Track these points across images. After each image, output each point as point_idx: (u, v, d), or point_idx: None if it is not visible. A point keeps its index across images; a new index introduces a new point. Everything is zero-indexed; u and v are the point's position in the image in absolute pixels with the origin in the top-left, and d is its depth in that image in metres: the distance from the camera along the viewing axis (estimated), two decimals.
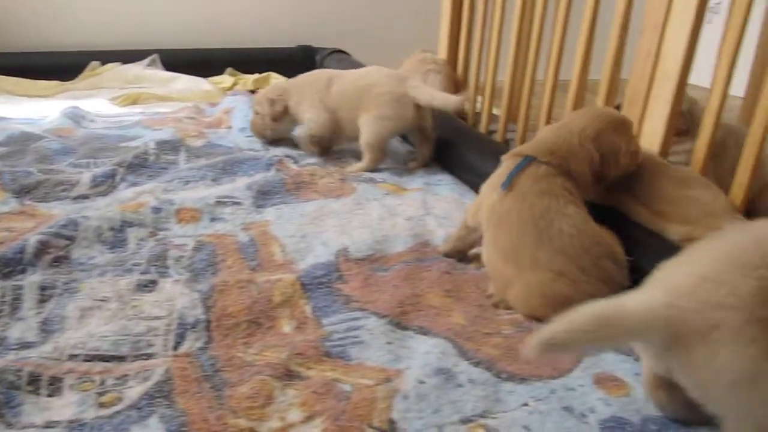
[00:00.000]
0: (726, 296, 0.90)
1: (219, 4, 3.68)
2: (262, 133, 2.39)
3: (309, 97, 2.27)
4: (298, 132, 2.36)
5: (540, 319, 1.30)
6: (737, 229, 1.08)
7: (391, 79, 2.20)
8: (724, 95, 1.53)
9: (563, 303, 1.28)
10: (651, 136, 1.71)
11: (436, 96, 2.16)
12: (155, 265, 1.51)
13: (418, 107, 2.14)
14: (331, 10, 3.88)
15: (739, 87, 2.19)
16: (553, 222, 1.38)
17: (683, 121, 1.80)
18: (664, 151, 1.69)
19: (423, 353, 1.23)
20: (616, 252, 1.41)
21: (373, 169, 2.18)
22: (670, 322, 0.92)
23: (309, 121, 2.26)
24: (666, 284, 0.99)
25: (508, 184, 1.45)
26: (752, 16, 1.49)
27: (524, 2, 2.25)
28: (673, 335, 0.93)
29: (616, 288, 1.34)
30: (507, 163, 1.53)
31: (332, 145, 2.36)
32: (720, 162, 1.78)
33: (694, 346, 0.91)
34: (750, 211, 1.55)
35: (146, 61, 3.36)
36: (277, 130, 2.37)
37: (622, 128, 1.55)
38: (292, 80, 2.42)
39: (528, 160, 1.47)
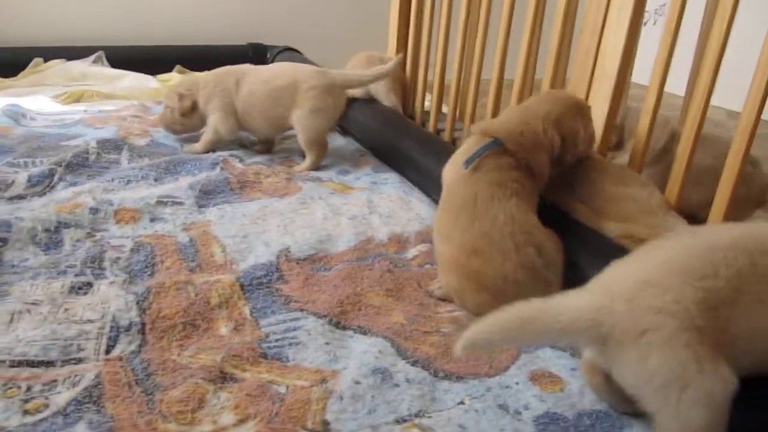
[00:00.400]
0: (668, 302, 0.91)
1: (168, 1, 3.62)
2: (171, 127, 2.33)
3: (218, 98, 2.21)
4: (204, 130, 2.30)
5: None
6: (688, 233, 1.09)
7: (311, 72, 2.18)
8: (660, 95, 1.56)
9: (476, 278, 1.35)
10: None
11: (366, 73, 2.20)
12: (91, 267, 1.48)
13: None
14: (282, 8, 3.86)
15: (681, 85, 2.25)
16: (490, 210, 1.38)
17: (616, 133, 1.83)
18: (604, 147, 1.72)
19: (360, 353, 1.23)
20: (545, 246, 1.39)
21: (319, 166, 2.17)
22: (600, 324, 0.93)
23: (215, 123, 2.22)
24: (607, 286, 1.00)
25: (469, 165, 1.44)
26: (693, 19, 1.52)
27: (469, 2, 2.27)
28: (604, 337, 0.94)
29: (539, 280, 1.35)
30: (474, 139, 1.51)
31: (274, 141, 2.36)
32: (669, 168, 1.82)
33: (626, 348, 0.92)
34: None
35: (92, 58, 3.29)
36: (186, 125, 2.31)
37: (582, 112, 1.57)
38: (204, 75, 2.33)
39: (496, 144, 1.46)
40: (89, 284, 1.41)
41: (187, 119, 2.28)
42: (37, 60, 3.23)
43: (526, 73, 2.03)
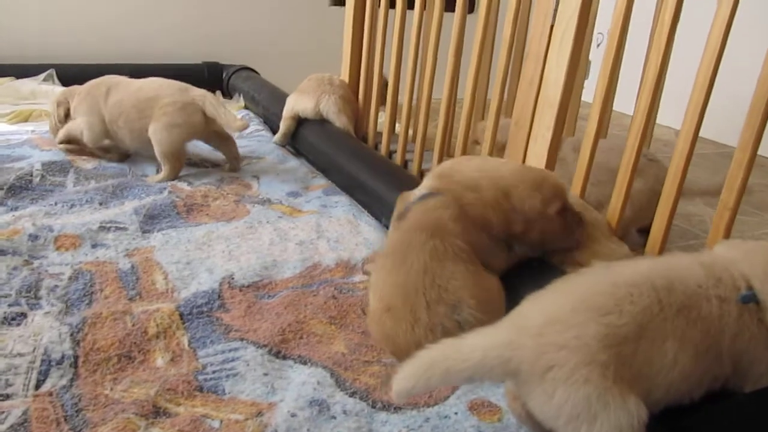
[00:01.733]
0: (570, 339, 0.92)
1: (122, 19, 3.58)
2: (55, 134, 2.40)
3: (87, 103, 2.27)
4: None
5: None
6: (602, 268, 1.10)
7: (174, 89, 2.24)
8: (605, 107, 1.59)
9: (390, 341, 1.30)
10: (535, 160, 1.75)
11: (221, 112, 2.19)
12: (26, 297, 1.44)
13: (204, 114, 2.20)
14: (239, 27, 3.84)
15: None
16: (408, 255, 1.33)
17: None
18: None
19: (299, 384, 1.21)
20: (464, 303, 1.28)
21: (174, 178, 2.19)
22: (508, 360, 0.93)
23: (80, 127, 2.28)
24: (517, 321, 1.01)
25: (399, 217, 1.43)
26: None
27: (420, 24, 2.29)
28: (514, 372, 0.94)
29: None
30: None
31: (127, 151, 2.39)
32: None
33: (534, 383, 0.92)
34: None
35: (42, 76, 3.22)
36: (60, 133, 2.36)
37: (546, 190, 1.44)
38: (82, 85, 2.38)
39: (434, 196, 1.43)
40: (23, 315, 1.37)
41: (58, 129, 2.36)
42: None
43: (476, 93, 2.05)
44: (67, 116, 2.35)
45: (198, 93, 2.23)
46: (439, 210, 1.39)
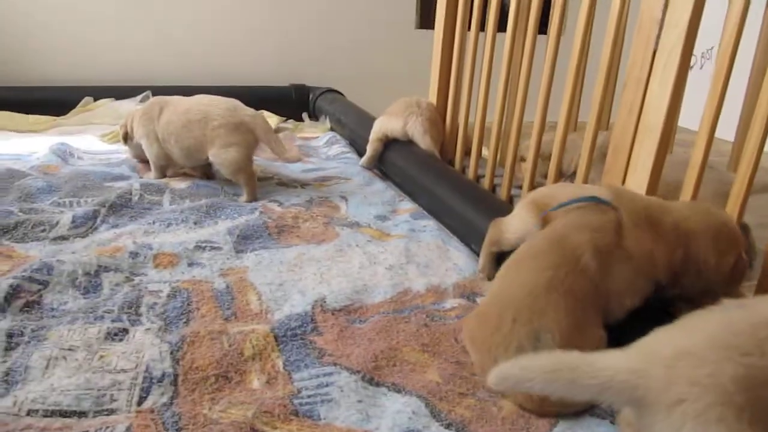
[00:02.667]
0: (704, 375, 0.87)
1: (214, 43, 3.71)
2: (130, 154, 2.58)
3: (143, 125, 2.35)
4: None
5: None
6: (731, 307, 1.04)
7: (222, 109, 2.25)
8: (710, 141, 1.52)
9: (470, 339, 1.34)
10: (636, 188, 1.69)
11: (272, 138, 2.26)
12: (127, 313, 1.48)
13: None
14: (325, 50, 3.91)
15: (730, 131, 2.19)
16: (523, 270, 1.32)
17: None
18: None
19: (394, 413, 1.20)
20: (547, 336, 1.22)
21: (255, 194, 2.24)
22: (635, 387, 0.90)
23: (144, 149, 2.38)
24: (648, 350, 0.97)
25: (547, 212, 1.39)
26: (742, 62, 1.48)
27: (513, 47, 2.27)
28: (638, 400, 0.90)
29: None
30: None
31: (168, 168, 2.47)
32: None
33: (658, 415, 0.88)
34: None
35: (139, 97, 3.37)
36: (132, 151, 2.54)
37: (723, 240, 1.34)
38: (140, 107, 2.49)
39: (594, 200, 1.36)
40: (125, 330, 1.41)
41: (130, 146, 2.51)
42: (87, 99, 3.33)
43: (570, 115, 2.01)
44: (128, 137, 2.45)
45: (249, 114, 2.27)
46: (589, 233, 1.30)
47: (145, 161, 2.49)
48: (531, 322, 1.23)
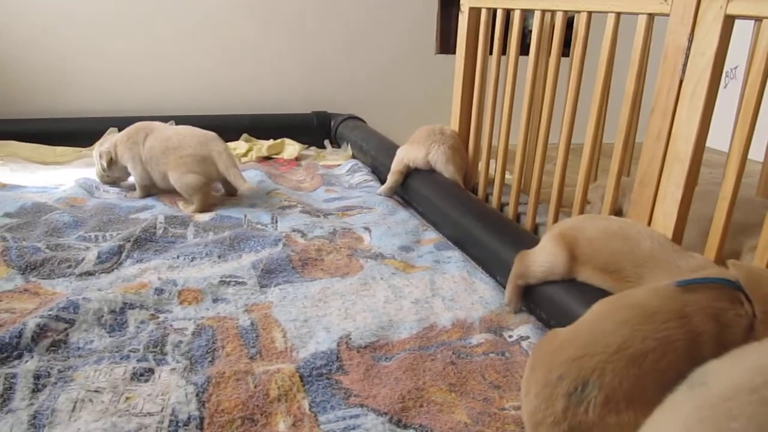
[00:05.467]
0: None
1: (236, 71, 3.74)
2: (102, 179, 2.70)
3: (129, 150, 2.53)
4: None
5: None
6: (699, 383, 0.97)
7: (195, 141, 2.46)
8: (743, 162, 1.48)
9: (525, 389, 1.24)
10: (664, 219, 1.67)
11: (231, 172, 2.44)
12: (153, 352, 1.48)
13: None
14: (346, 77, 3.93)
15: (758, 152, 2.15)
16: (605, 334, 1.19)
17: None
18: (678, 234, 1.65)
19: None
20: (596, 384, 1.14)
21: (203, 209, 2.43)
22: None
23: (131, 171, 2.57)
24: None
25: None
26: None
27: (536, 70, 2.25)
28: None
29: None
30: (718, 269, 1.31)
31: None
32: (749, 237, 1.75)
33: None
34: None
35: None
36: (111, 176, 2.68)
37: None
38: (121, 133, 2.63)
39: (724, 282, 1.23)
40: (151, 371, 1.41)
41: (112, 172, 2.64)
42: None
43: (596, 138, 1.98)
44: (110, 164, 2.60)
45: (217, 150, 2.46)
46: (718, 326, 1.16)
47: (115, 183, 2.73)
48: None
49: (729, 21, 1.49)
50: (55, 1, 3.33)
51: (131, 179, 2.67)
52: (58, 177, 2.80)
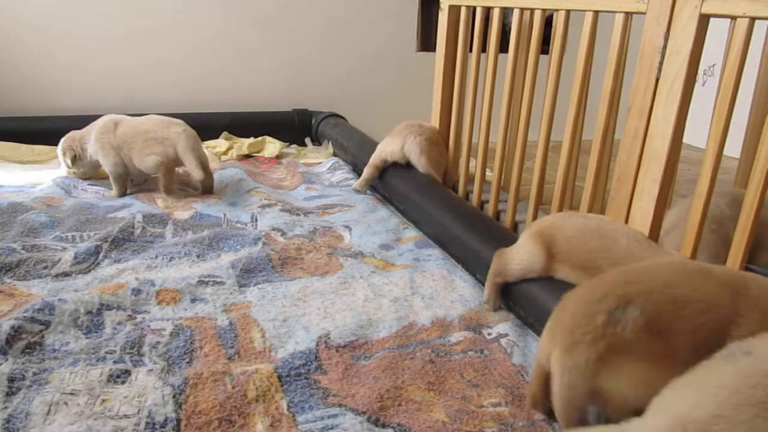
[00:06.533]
0: None
1: (216, 69, 3.71)
2: (73, 176, 2.74)
3: (100, 143, 2.59)
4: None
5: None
6: (742, 353, 1.00)
7: (160, 125, 2.58)
8: (718, 158, 1.49)
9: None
10: (641, 216, 1.68)
11: (187, 157, 2.54)
12: (130, 353, 1.47)
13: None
14: (327, 76, 3.91)
15: (734, 147, 2.17)
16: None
17: None
18: (654, 231, 1.66)
19: None
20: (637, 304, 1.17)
21: (170, 192, 2.58)
22: None
23: (101, 161, 2.61)
24: (675, 412, 0.94)
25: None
26: (745, 77, 1.46)
27: (515, 68, 2.26)
28: None
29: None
30: None
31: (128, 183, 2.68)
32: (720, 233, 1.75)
33: None
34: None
35: None
36: (79, 171, 2.72)
37: None
38: (84, 129, 2.69)
39: None
40: (127, 372, 1.40)
41: (79, 167, 2.69)
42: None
43: (574, 135, 1.99)
44: (74, 160, 2.66)
45: (175, 131, 2.56)
46: None
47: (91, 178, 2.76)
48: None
49: (704, 20, 1.50)
50: (35, 6, 3.30)
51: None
52: (35, 176, 2.77)
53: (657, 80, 1.61)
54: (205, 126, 3.47)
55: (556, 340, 1.21)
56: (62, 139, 2.69)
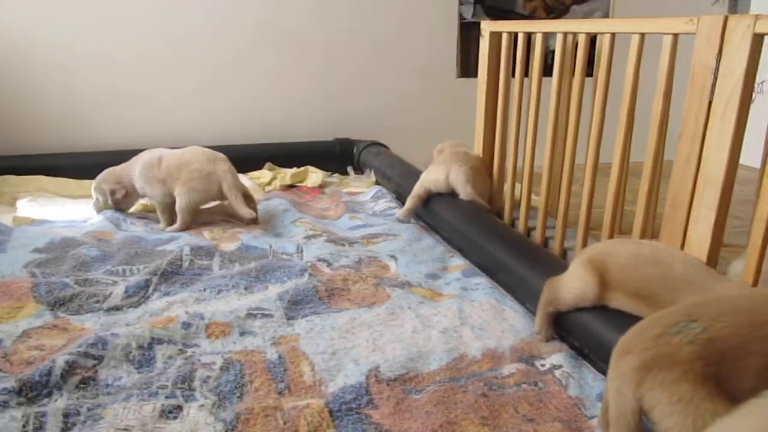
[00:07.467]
0: None
1: (258, 101, 3.76)
2: (107, 209, 2.74)
3: (144, 174, 2.64)
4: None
5: None
6: None
7: (203, 158, 2.61)
8: None
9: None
10: (698, 242, 1.63)
11: (233, 193, 2.57)
12: (181, 388, 1.47)
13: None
14: (367, 103, 3.94)
15: None
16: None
17: None
18: (712, 258, 1.61)
19: None
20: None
21: (186, 229, 2.57)
22: None
23: (150, 195, 2.66)
24: None
25: None
26: None
27: (559, 91, 2.23)
28: None
29: None
30: None
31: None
32: None
33: None
34: None
35: None
36: (122, 206, 2.76)
37: None
38: (125, 165, 2.74)
39: None
40: (179, 407, 1.40)
41: (126, 204, 2.76)
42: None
43: (624, 159, 1.95)
44: (125, 197, 2.71)
45: (222, 168, 2.60)
46: None
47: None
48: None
49: (758, 39, 1.46)
50: (84, 43, 3.40)
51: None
52: (85, 210, 2.82)
53: (710, 103, 1.57)
54: (249, 157, 3.53)
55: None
56: (101, 178, 2.73)
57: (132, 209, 2.85)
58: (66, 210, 2.84)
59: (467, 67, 4.02)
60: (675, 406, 1.06)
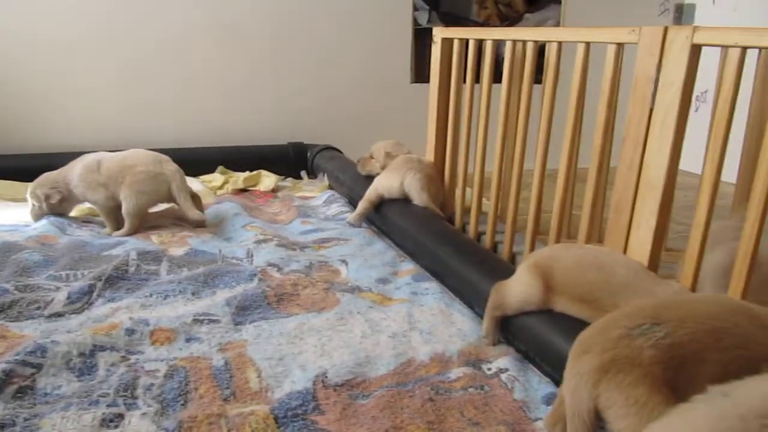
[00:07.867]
0: None
1: (210, 103, 3.72)
2: (40, 218, 2.64)
3: (84, 180, 2.56)
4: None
5: None
6: (720, 395, 0.97)
7: (149, 159, 2.58)
8: (716, 187, 1.49)
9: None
10: (639, 247, 1.67)
11: (182, 195, 2.56)
12: (123, 396, 1.44)
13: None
14: (321, 107, 3.92)
15: (730, 173, 2.16)
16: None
17: None
18: (653, 262, 1.64)
19: None
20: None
21: (133, 234, 2.51)
22: None
23: (91, 200, 2.59)
24: None
25: None
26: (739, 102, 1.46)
27: (509, 98, 2.26)
28: None
29: None
30: None
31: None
32: None
33: None
34: None
35: None
36: (58, 210, 2.64)
37: None
38: (61, 170, 2.64)
39: None
40: (121, 416, 1.37)
41: (63, 208, 2.65)
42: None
43: (570, 164, 1.98)
44: (60, 202, 2.61)
45: (170, 169, 2.57)
46: None
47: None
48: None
49: (696, 50, 1.50)
50: (25, 39, 3.31)
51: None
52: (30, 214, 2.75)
53: (651, 111, 1.61)
54: (201, 160, 3.49)
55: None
56: (36, 183, 2.64)
57: (72, 213, 2.76)
58: (9, 213, 2.76)
59: (422, 72, 4.04)
60: (630, 408, 1.08)
